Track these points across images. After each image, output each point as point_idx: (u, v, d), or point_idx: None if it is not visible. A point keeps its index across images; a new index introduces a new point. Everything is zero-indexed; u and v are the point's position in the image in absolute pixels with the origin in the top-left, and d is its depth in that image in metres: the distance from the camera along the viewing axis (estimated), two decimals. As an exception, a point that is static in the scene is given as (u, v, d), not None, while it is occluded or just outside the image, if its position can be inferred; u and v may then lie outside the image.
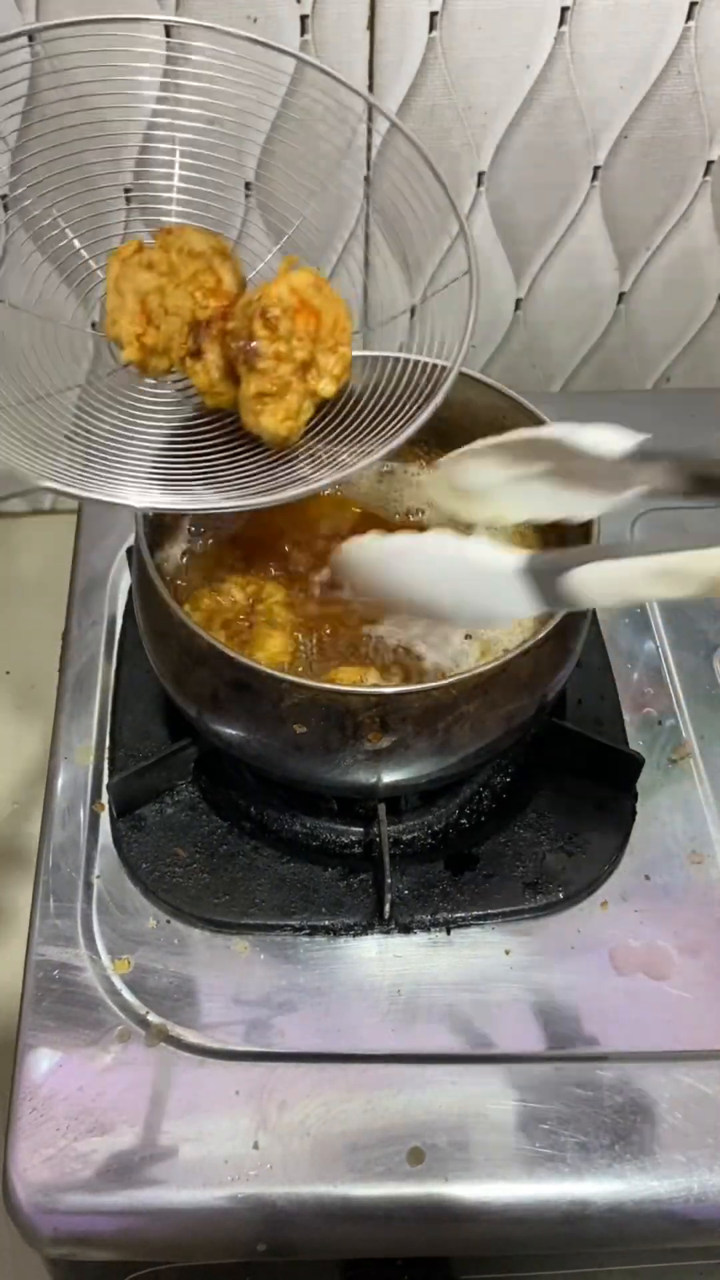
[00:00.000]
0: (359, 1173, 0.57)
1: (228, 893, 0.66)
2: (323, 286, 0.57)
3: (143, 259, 0.60)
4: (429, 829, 0.69)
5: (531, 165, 0.86)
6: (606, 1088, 0.60)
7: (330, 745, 0.60)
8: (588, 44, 0.79)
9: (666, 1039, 0.62)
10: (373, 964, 0.64)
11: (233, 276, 0.59)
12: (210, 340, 0.58)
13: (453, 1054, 0.61)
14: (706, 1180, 0.57)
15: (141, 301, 0.59)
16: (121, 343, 0.59)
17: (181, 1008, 0.62)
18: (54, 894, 0.66)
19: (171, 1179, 0.57)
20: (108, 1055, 0.60)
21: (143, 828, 0.69)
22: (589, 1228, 0.57)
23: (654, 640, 0.80)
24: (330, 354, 0.56)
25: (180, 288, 0.59)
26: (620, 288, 0.95)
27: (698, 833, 0.70)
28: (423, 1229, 0.57)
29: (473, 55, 0.79)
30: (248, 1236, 0.57)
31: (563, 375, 1.03)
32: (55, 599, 0.82)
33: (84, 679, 0.77)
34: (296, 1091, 0.59)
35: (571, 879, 0.67)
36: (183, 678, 0.64)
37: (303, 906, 0.66)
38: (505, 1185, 0.57)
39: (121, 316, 0.59)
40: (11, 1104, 0.59)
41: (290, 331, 0.55)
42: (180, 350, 0.59)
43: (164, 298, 0.58)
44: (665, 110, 0.83)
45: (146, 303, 0.59)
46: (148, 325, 0.58)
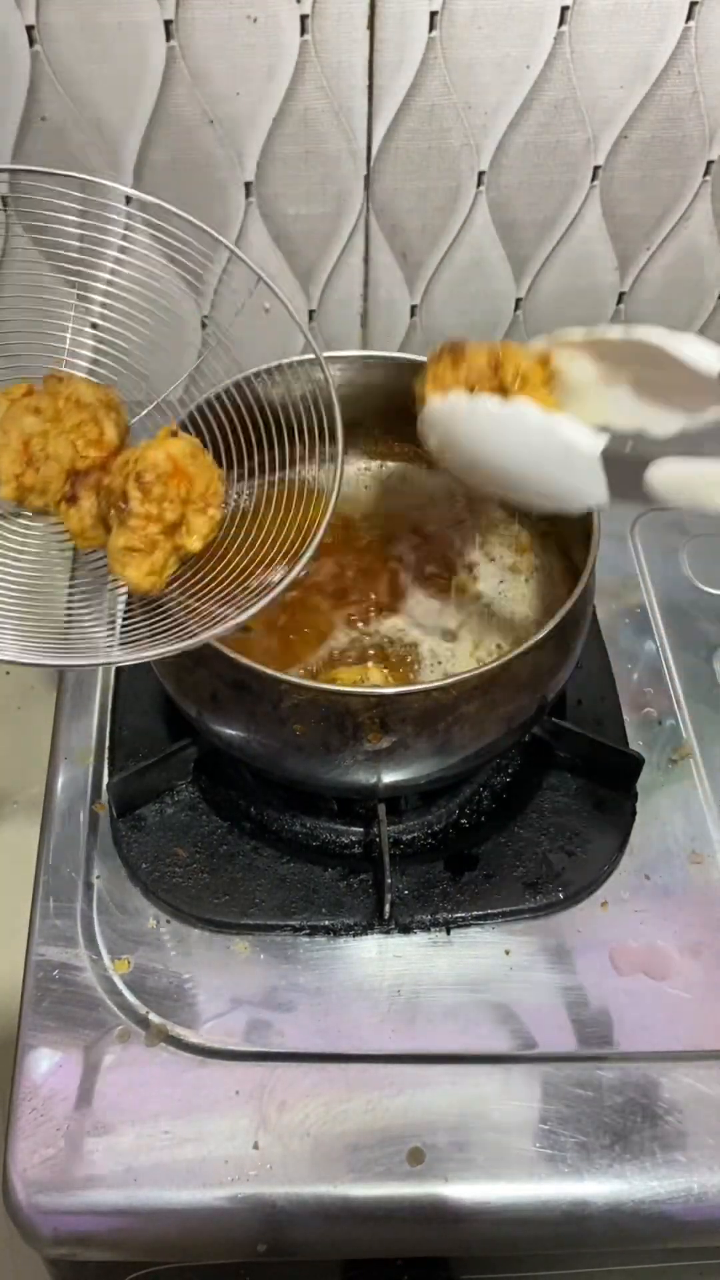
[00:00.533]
0: (359, 1173, 0.57)
1: (228, 893, 0.66)
2: (198, 455, 0.60)
3: (30, 403, 0.62)
4: (429, 829, 0.69)
5: (531, 165, 0.86)
6: (606, 1088, 0.60)
7: (330, 745, 0.60)
8: (588, 44, 0.79)
9: (666, 1039, 0.61)
10: (373, 964, 0.64)
11: (115, 430, 0.62)
12: (86, 489, 0.61)
13: (453, 1054, 0.61)
14: (706, 1180, 0.57)
15: (24, 443, 0.61)
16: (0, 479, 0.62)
17: (181, 1008, 0.62)
18: (54, 894, 0.66)
19: (171, 1179, 0.57)
20: (108, 1055, 0.60)
21: (143, 828, 0.69)
22: (589, 1228, 0.57)
23: (654, 640, 0.80)
24: (200, 515, 0.60)
25: (63, 435, 0.61)
26: (620, 288, 0.95)
27: (698, 833, 0.70)
28: (423, 1229, 0.57)
29: (473, 55, 0.79)
30: (248, 1236, 0.57)
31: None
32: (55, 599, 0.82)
33: (84, 679, 0.77)
34: (296, 1091, 0.59)
35: (571, 879, 0.67)
36: (183, 678, 0.64)
37: (303, 906, 0.66)
38: (505, 1185, 0.57)
39: (4, 454, 0.61)
40: (11, 1104, 0.59)
41: (162, 495, 0.58)
42: (57, 494, 0.62)
43: (46, 442, 0.61)
44: (665, 110, 0.83)
45: (29, 444, 0.61)
46: (27, 466, 0.61)
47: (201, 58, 0.77)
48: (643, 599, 0.82)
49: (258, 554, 0.62)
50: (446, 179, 0.85)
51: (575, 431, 0.52)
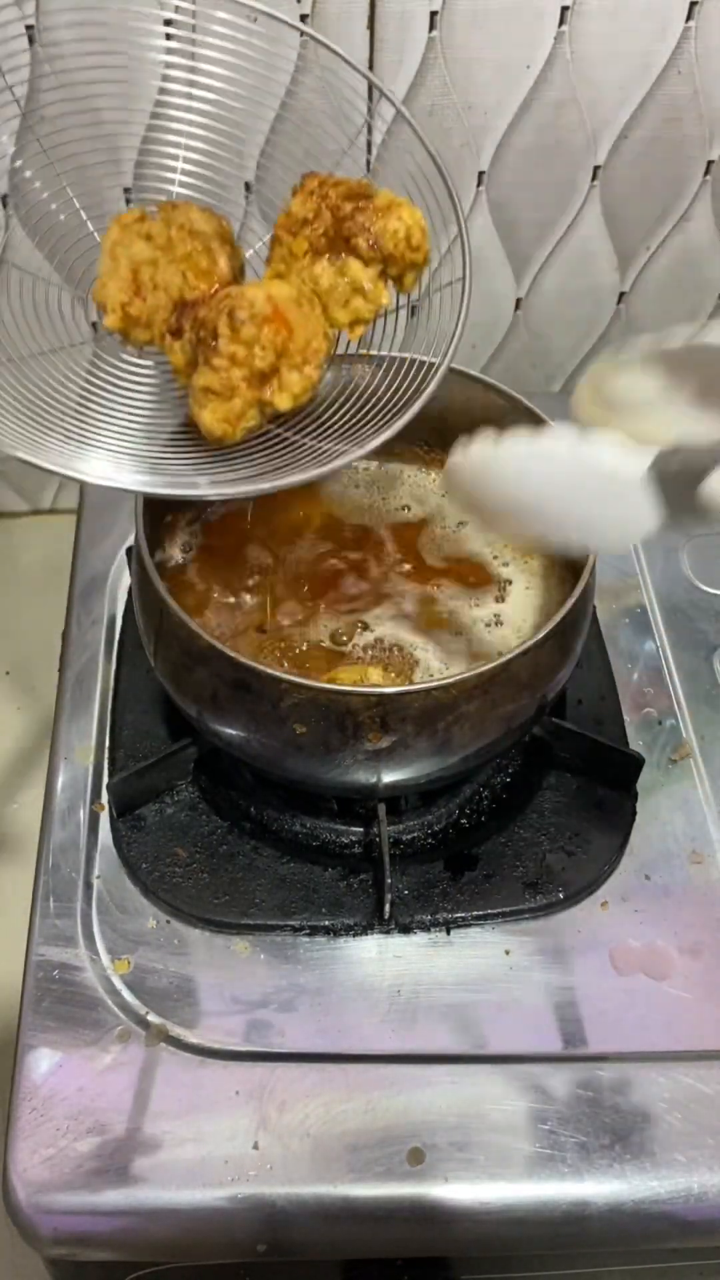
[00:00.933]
0: (359, 1173, 0.57)
1: (228, 893, 0.66)
2: (304, 303, 0.56)
3: (142, 229, 0.59)
4: (429, 829, 0.69)
5: (531, 165, 0.86)
6: (606, 1088, 0.60)
7: (330, 745, 0.60)
8: (588, 44, 0.79)
9: (666, 1039, 0.61)
10: (373, 964, 0.64)
11: (229, 262, 0.59)
12: (191, 322, 0.57)
13: (453, 1054, 0.61)
14: (706, 1180, 0.57)
15: (133, 270, 0.58)
16: (106, 308, 0.59)
17: (181, 1008, 0.62)
18: (54, 894, 0.66)
19: (171, 1179, 0.57)
20: (108, 1055, 0.60)
21: (143, 828, 0.69)
22: (589, 1228, 0.57)
23: (654, 640, 0.80)
24: (294, 371, 0.56)
25: (173, 264, 0.58)
26: (620, 288, 0.95)
27: (698, 833, 0.70)
28: (423, 1229, 0.57)
29: (473, 55, 0.79)
30: (248, 1236, 0.57)
31: (563, 375, 1.03)
32: (55, 599, 0.82)
33: (84, 679, 0.77)
34: (296, 1091, 0.59)
35: (571, 879, 0.67)
36: (183, 678, 0.64)
37: (303, 906, 0.66)
38: (505, 1185, 0.57)
39: (111, 281, 0.58)
40: (11, 1104, 0.59)
41: (253, 338, 0.54)
42: (162, 326, 0.58)
43: (156, 271, 0.58)
44: (665, 110, 0.83)
45: (138, 272, 0.58)
46: (135, 296, 0.58)
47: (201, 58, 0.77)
48: (643, 599, 0.82)
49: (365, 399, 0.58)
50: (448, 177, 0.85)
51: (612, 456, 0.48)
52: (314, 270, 0.58)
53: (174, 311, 0.58)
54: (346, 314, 0.59)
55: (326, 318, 0.58)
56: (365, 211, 0.58)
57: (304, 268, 0.59)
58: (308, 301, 0.57)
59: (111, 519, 0.86)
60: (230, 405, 0.55)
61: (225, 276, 0.58)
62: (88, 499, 0.89)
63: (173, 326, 0.57)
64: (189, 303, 0.57)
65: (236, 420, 0.55)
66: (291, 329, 0.55)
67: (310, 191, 0.59)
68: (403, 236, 0.58)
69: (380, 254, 0.58)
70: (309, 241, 0.59)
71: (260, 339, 0.54)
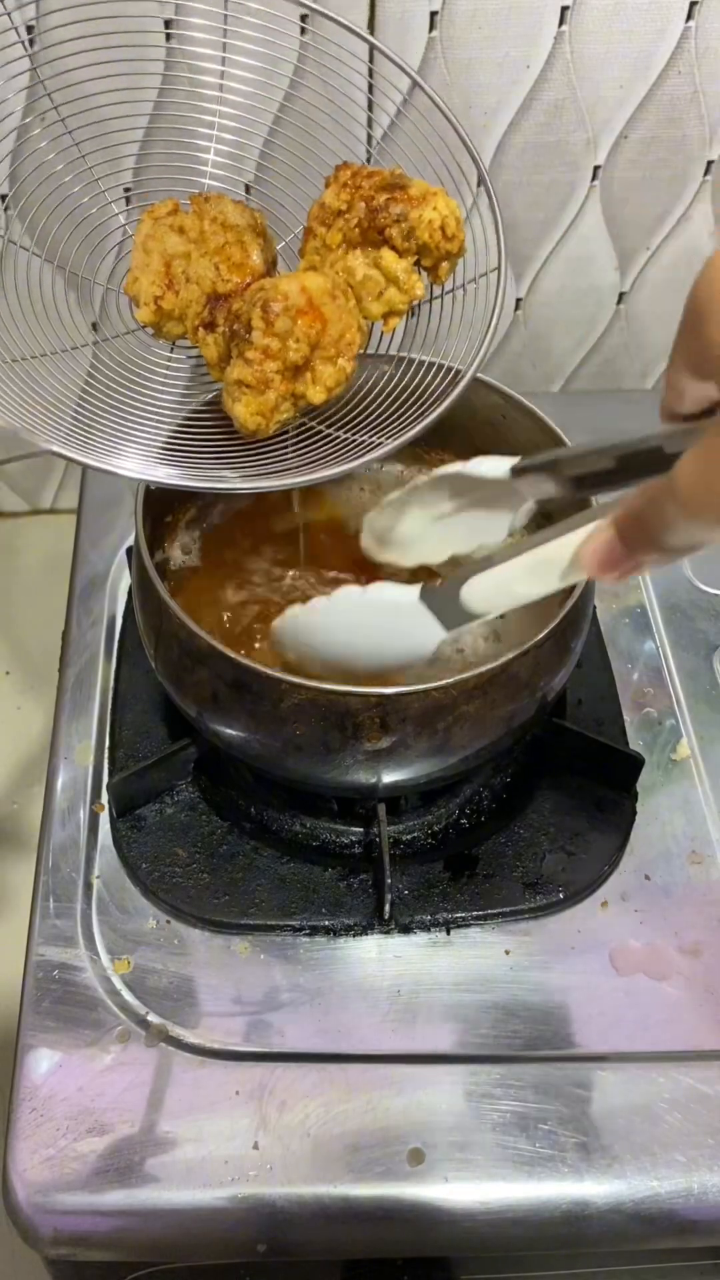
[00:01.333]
0: (359, 1173, 0.57)
1: (228, 893, 0.66)
2: (339, 295, 0.56)
3: (175, 222, 0.59)
4: (429, 829, 0.69)
5: (531, 165, 0.86)
6: (606, 1088, 0.60)
7: (330, 745, 0.60)
8: (588, 44, 0.79)
9: (666, 1039, 0.61)
10: (373, 964, 0.64)
11: (261, 255, 0.58)
12: (224, 315, 0.57)
13: (453, 1054, 0.61)
14: (706, 1180, 0.57)
15: (166, 264, 0.58)
16: (139, 301, 0.58)
17: (181, 1008, 0.62)
18: (54, 894, 0.66)
19: (171, 1179, 0.57)
20: (108, 1055, 0.60)
21: (143, 828, 0.69)
22: (589, 1228, 0.57)
23: (654, 640, 0.80)
24: (328, 364, 0.56)
25: (206, 257, 0.58)
26: (620, 288, 0.95)
27: (698, 833, 0.70)
28: (423, 1229, 0.57)
29: (473, 55, 0.79)
30: (248, 1236, 0.57)
31: (563, 375, 1.03)
32: (55, 599, 0.82)
33: (84, 679, 0.77)
34: (296, 1091, 0.59)
35: (571, 879, 0.67)
36: (183, 678, 0.64)
37: (303, 906, 0.66)
38: (505, 1185, 0.57)
39: (144, 275, 0.58)
40: (11, 1104, 0.59)
41: (288, 331, 0.54)
42: (195, 320, 0.58)
43: (188, 264, 0.58)
44: (665, 110, 0.83)
45: (171, 266, 0.58)
46: (167, 289, 0.58)
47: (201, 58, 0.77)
48: (643, 599, 0.83)
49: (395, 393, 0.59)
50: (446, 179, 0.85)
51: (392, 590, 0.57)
52: (347, 262, 0.58)
53: (207, 305, 0.57)
54: (380, 305, 0.58)
55: (360, 309, 0.58)
56: (399, 202, 0.57)
57: (338, 259, 0.58)
58: (341, 293, 0.56)
59: (111, 519, 0.86)
60: (264, 398, 0.54)
61: (258, 269, 0.58)
62: (88, 499, 0.89)
63: (206, 320, 0.57)
64: (222, 296, 0.57)
65: (271, 413, 0.55)
66: (326, 321, 0.55)
67: (344, 183, 0.59)
68: (438, 226, 0.57)
69: (415, 244, 0.58)
70: (343, 233, 0.58)
71: (294, 331, 0.54)
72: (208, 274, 0.58)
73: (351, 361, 0.57)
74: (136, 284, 0.59)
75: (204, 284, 0.58)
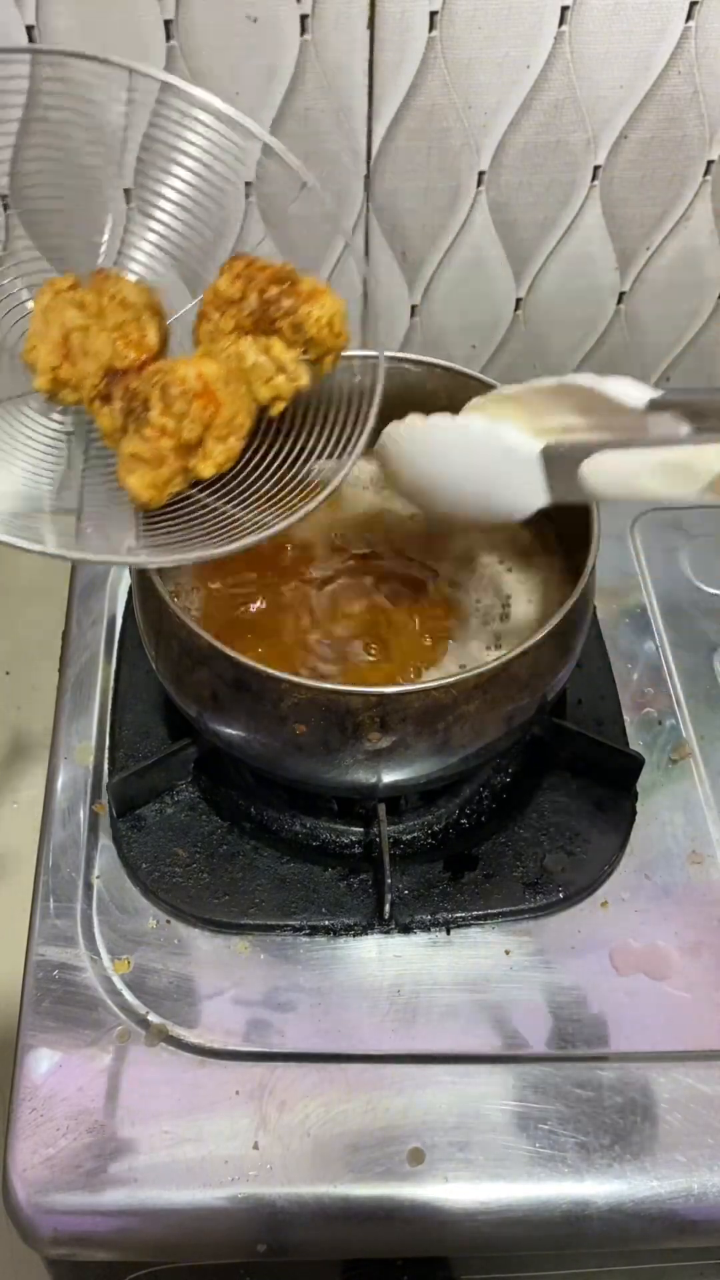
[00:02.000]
0: (359, 1173, 0.57)
1: (228, 893, 0.66)
2: (232, 381, 0.59)
3: (75, 296, 0.61)
4: (429, 829, 0.69)
5: (531, 165, 0.86)
6: (606, 1088, 0.60)
7: (330, 745, 0.60)
8: (588, 44, 0.79)
9: (666, 1039, 0.62)
10: (373, 964, 0.64)
11: (157, 335, 0.62)
12: (121, 390, 0.60)
13: (453, 1054, 0.61)
14: (706, 1180, 0.57)
15: (64, 335, 0.60)
16: (36, 370, 0.61)
17: (181, 1008, 0.62)
18: (54, 894, 0.66)
19: (171, 1179, 0.57)
20: (108, 1055, 0.60)
21: (143, 828, 0.69)
22: (589, 1228, 0.57)
23: (654, 640, 0.80)
24: (219, 443, 0.59)
25: (104, 333, 0.60)
26: (620, 288, 0.95)
27: (698, 833, 0.70)
28: (423, 1229, 0.57)
29: (473, 55, 0.79)
30: (248, 1236, 0.57)
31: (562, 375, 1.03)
32: (55, 599, 0.82)
33: (84, 679, 0.77)
34: (296, 1091, 0.59)
35: (571, 879, 0.67)
36: (183, 678, 0.64)
37: (303, 906, 0.66)
38: (505, 1185, 0.57)
39: (42, 344, 0.61)
40: (11, 1104, 0.59)
41: (183, 412, 0.57)
42: (91, 391, 0.61)
43: (86, 338, 0.60)
44: (665, 110, 0.83)
45: (69, 338, 0.60)
46: (64, 360, 0.60)
47: (201, 58, 0.77)
48: (643, 599, 0.83)
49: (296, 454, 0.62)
50: (446, 179, 0.85)
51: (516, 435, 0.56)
52: (239, 347, 0.61)
53: (103, 378, 0.60)
54: (268, 390, 0.62)
55: (249, 393, 0.61)
56: (290, 295, 0.60)
57: (229, 344, 0.61)
58: (235, 379, 0.60)
59: (111, 519, 0.86)
60: (157, 473, 0.58)
61: (153, 348, 0.61)
62: (88, 499, 0.89)
63: (103, 392, 0.60)
64: (119, 371, 0.60)
65: (163, 486, 0.58)
66: (219, 404, 0.58)
67: (237, 273, 0.62)
68: (325, 322, 0.60)
69: (302, 337, 0.61)
70: (235, 320, 0.61)
71: (190, 413, 0.57)
72: (105, 349, 0.60)
73: (240, 440, 0.60)
74: (34, 352, 0.61)
75: (101, 358, 0.60)
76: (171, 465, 0.58)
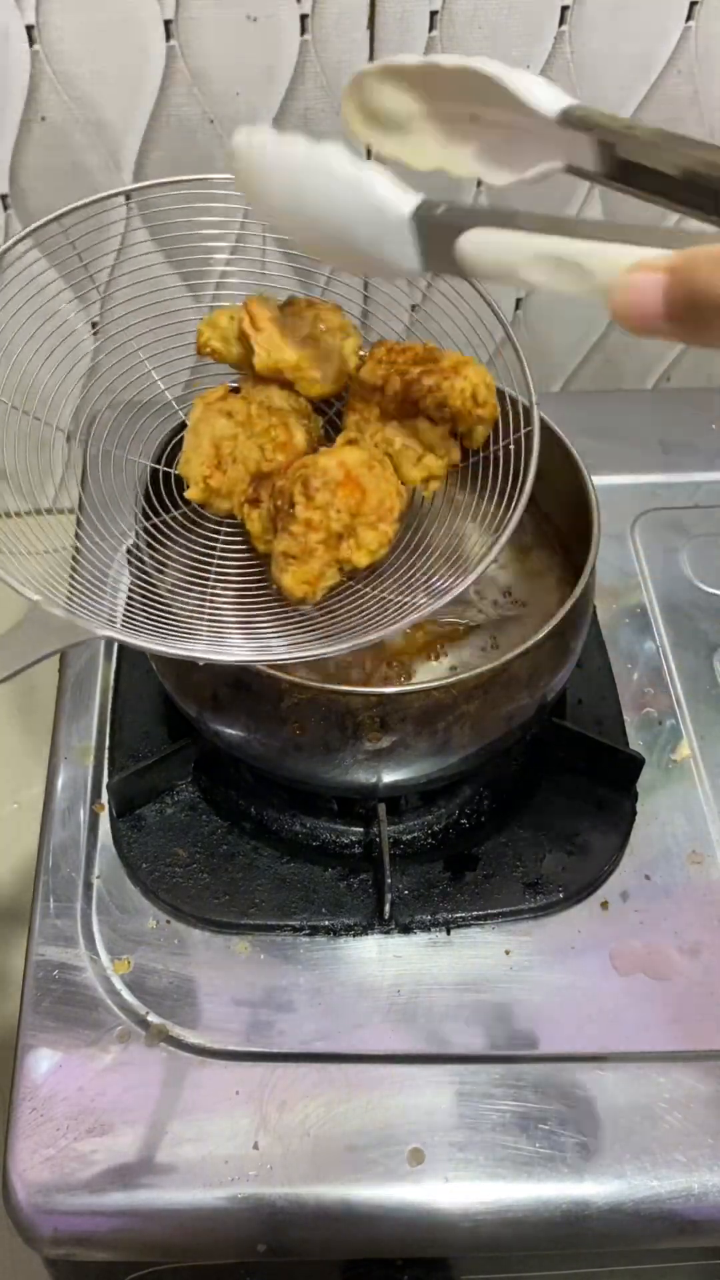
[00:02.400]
0: (359, 1173, 0.57)
1: (228, 893, 0.66)
2: (376, 466, 0.59)
3: (224, 406, 0.62)
4: (429, 829, 0.69)
5: (531, 165, 0.85)
6: (606, 1088, 0.60)
7: (330, 745, 0.60)
8: (588, 44, 0.79)
9: (666, 1039, 0.61)
10: (373, 964, 0.64)
11: (305, 436, 0.62)
12: (268, 491, 0.60)
13: (453, 1054, 0.61)
14: (706, 1180, 0.57)
15: (215, 446, 0.61)
16: (189, 481, 0.62)
17: (181, 1008, 0.62)
18: (54, 894, 0.66)
19: (171, 1179, 0.57)
20: (108, 1055, 0.60)
21: (143, 828, 0.69)
22: (589, 1228, 0.57)
23: (654, 640, 0.80)
24: (370, 529, 0.58)
25: (252, 439, 0.61)
26: (620, 287, 0.95)
27: (698, 833, 0.70)
28: (423, 1229, 0.57)
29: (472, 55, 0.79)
30: (248, 1236, 0.57)
31: (563, 375, 1.03)
32: (55, 599, 0.82)
33: (84, 679, 0.77)
34: (296, 1091, 0.59)
35: (571, 879, 0.67)
36: (183, 678, 0.64)
37: (303, 906, 0.66)
38: (505, 1185, 0.57)
39: (194, 456, 0.62)
40: (11, 1104, 0.59)
41: (328, 503, 0.57)
42: (241, 497, 0.61)
43: (235, 445, 0.61)
44: (665, 110, 0.83)
45: (220, 448, 0.61)
46: (215, 469, 0.61)
47: (201, 58, 0.77)
48: (643, 599, 0.82)
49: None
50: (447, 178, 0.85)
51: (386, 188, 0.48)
52: (386, 433, 0.62)
53: (252, 483, 0.61)
54: (419, 471, 0.62)
55: (400, 476, 0.61)
56: (432, 374, 0.61)
57: (376, 431, 0.62)
58: (379, 463, 0.60)
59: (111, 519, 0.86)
60: (308, 568, 0.57)
61: (300, 449, 0.62)
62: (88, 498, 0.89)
63: (251, 497, 0.61)
64: (266, 474, 0.61)
65: (316, 580, 0.58)
66: (365, 490, 0.58)
67: (379, 359, 0.63)
68: (469, 395, 0.61)
69: (448, 413, 0.61)
70: (380, 406, 0.62)
71: (334, 502, 0.57)
72: (253, 454, 0.61)
73: (393, 525, 0.59)
74: (188, 465, 0.62)
75: (249, 464, 0.61)
76: (322, 558, 0.57)
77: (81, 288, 0.70)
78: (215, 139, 0.81)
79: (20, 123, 0.79)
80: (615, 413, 0.95)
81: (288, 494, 0.58)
